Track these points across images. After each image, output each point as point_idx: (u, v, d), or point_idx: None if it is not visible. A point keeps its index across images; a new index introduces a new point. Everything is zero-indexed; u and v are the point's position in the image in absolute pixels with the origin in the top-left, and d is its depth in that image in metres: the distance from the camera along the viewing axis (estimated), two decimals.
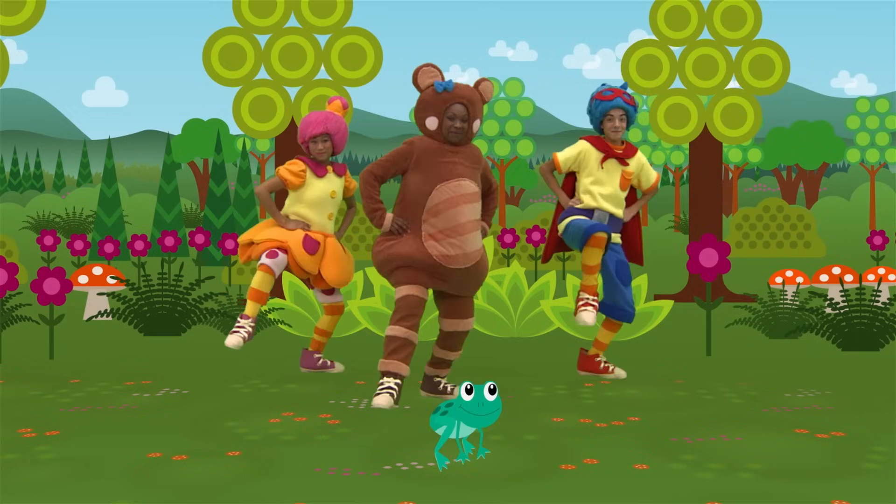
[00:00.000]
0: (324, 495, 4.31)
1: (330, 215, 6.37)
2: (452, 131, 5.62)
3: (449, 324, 5.88)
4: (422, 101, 5.70)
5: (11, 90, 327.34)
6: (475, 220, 5.70)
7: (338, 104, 6.48)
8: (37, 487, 4.47)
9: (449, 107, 5.60)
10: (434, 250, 5.60)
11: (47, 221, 26.83)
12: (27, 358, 7.69)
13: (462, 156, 5.69)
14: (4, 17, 9.81)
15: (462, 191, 5.63)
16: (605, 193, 6.26)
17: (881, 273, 10.01)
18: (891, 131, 26.84)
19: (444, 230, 5.59)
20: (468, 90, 5.68)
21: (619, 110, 6.19)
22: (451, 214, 5.59)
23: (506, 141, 24.86)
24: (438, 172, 5.62)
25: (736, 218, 19.18)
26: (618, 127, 6.21)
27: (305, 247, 6.15)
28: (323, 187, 6.29)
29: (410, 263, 5.62)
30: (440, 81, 5.63)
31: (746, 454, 4.88)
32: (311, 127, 6.26)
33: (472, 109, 5.64)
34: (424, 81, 5.69)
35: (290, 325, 8.12)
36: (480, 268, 5.81)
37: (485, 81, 5.78)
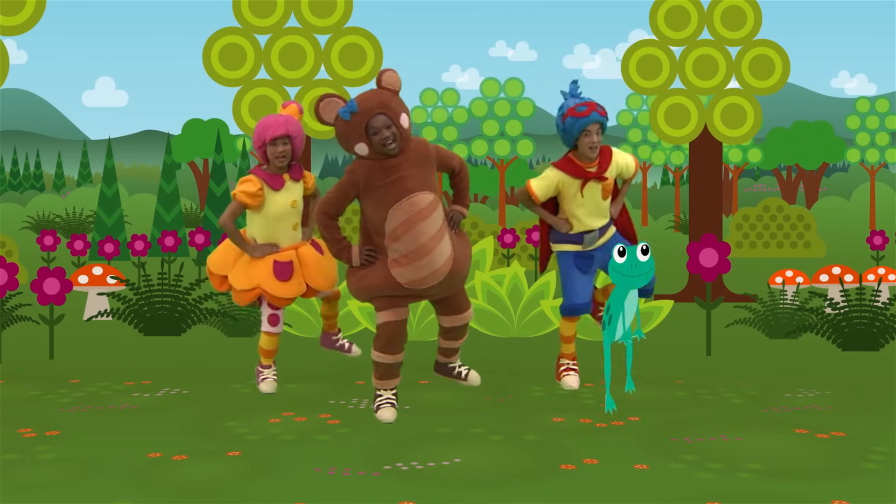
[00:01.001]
0: (324, 495, 4.32)
1: (295, 225, 6.02)
2: (385, 143, 5.23)
3: (448, 320, 5.81)
4: (339, 135, 5.36)
5: (11, 90, 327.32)
6: (437, 232, 5.34)
7: (294, 108, 6.13)
8: (37, 487, 4.47)
9: (367, 125, 5.22)
10: (402, 278, 5.36)
11: (47, 221, 26.82)
12: (27, 358, 7.70)
13: (408, 164, 5.31)
14: (4, 17, 9.81)
15: (416, 208, 5.28)
16: (589, 211, 6.07)
17: (881, 273, 10.01)
18: (891, 131, 26.82)
19: (408, 254, 5.31)
20: (375, 96, 5.29)
21: (596, 125, 5.91)
22: (410, 237, 5.28)
23: (506, 141, 24.84)
24: (387, 195, 5.28)
25: (736, 218, 19.18)
26: (595, 142, 5.92)
27: (278, 276, 5.89)
28: (282, 201, 5.92)
29: (383, 293, 5.46)
30: (342, 108, 5.27)
31: (746, 454, 4.88)
32: (272, 129, 5.82)
33: (390, 111, 5.24)
34: (329, 116, 5.32)
35: (290, 325, 8.12)
36: (456, 270, 5.50)
37: (386, 73, 5.36)
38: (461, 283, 5.68)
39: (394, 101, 5.31)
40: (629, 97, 29.48)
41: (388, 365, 5.59)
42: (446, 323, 5.80)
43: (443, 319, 5.81)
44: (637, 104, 29.44)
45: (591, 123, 5.88)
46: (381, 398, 5.69)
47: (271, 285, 5.87)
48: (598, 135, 5.94)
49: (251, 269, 5.92)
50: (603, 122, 5.95)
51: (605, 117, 5.96)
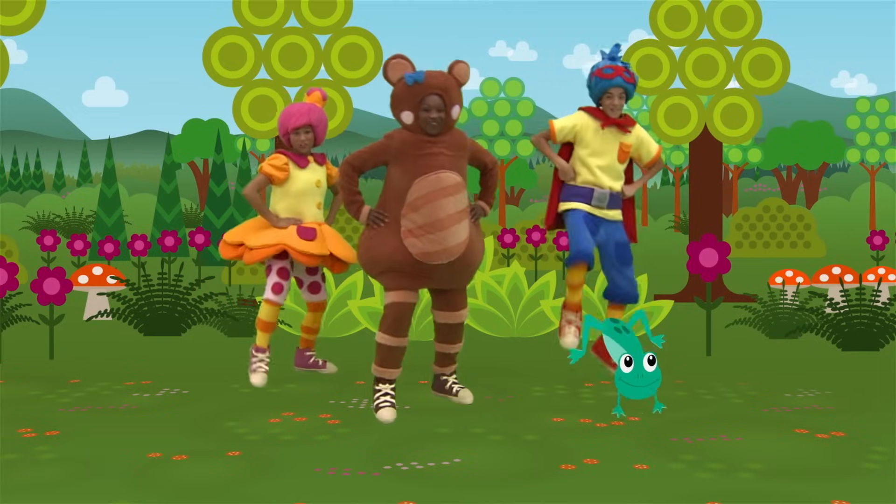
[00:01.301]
0: (324, 495, 4.32)
1: (318, 204, 6.33)
2: (430, 123, 5.40)
3: (440, 315, 5.80)
4: (394, 96, 5.49)
5: (11, 90, 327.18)
6: (457, 213, 5.45)
7: (317, 95, 6.42)
8: (37, 487, 4.47)
9: (423, 99, 5.38)
10: (414, 248, 5.42)
11: (47, 221, 26.82)
12: (27, 358, 7.69)
13: (443, 145, 5.46)
14: (4, 17, 9.81)
15: (441, 184, 5.40)
16: (602, 165, 6.12)
17: (881, 273, 10.01)
18: (891, 131, 26.82)
19: (423, 226, 5.40)
20: (441, 77, 5.45)
21: (619, 89, 6.07)
22: (429, 210, 5.38)
23: (506, 141, 24.85)
24: (416, 166, 5.41)
25: (736, 218, 19.18)
26: (616, 105, 6.09)
27: (301, 236, 6.11)
28: (307, 178, 6.24)
29: (393, 267, 5.50)
30: (410, 73, 5.41)
31: (746, 454, 4.88)
32: (294, 118, 6.17)
33: (448, 97, 5.42)
34: (395, 75, 5.46)
35: (289, 325, 8.12)
36: (468, 259, 5.58)
37: (459, 64, 5.56)
38: (468, 275, 5.72)
39: (455, 90, 5.49)
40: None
41: (390, 348, 5.58)
42: (439, 318, 5.81)
43: (437, 314, 5.82)
44: (637, 104, 29.44)
45: (613, 87, 6.06)
46: (379, 393, 5.65)
47: (296, 242, 6.08)
48: (621, 98, 6.11)
49: (275, 231, 6.16)
50: (626, 87, 6.09)
51: (630, 84, 6.11)
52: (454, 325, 5.82)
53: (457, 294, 5.77)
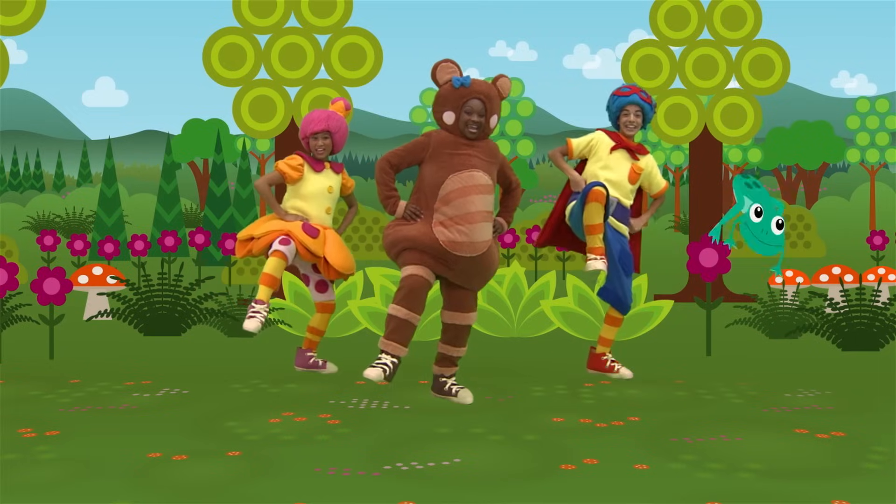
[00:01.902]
0: (324, 495, 4.32)
1: (328, 209, 6.47)
2: (469, 126, 5.65)
3: (448, 315, 5.83)
4: (440, 95, 5.73)
5: (11, 90, 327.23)
6: (486, 211, 5.68)
7: (340, 105, 6.60)
8: (37, 487, 4.47)
9: (466, 102, 5.64)
10: (442, 236, 5.60)
11: (47, 221, 26.82)
12: (27, 358, 7.69)
13: (477, 149, 5.71)
14: (4, 17, 9.81)
15: (474, 181, 5.64)
16: (612, 179, 6.31)
17: (881, 273, 10.01)
18: (891, 131, 26.81)
19: (454, 217, 5.60)
20: (486, 86, 5.71)
21: (635, 106, 6.35)
22: (461, 203, 5.60)
23: (506, 141, 24.83)
24: (452, 163, 5.65)
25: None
26: (632, 121, 6.35)
27: (306, 232, 6.25)
28: (320, 182, 6.40)
29: (417, 246, 5.63)
30: (458, 77, 5.67)
31: (746, 454, 4.88)
32: (314, 124, 6.37)
33: (490, 105, 5.68)
34: (443, 77, 5.72)
35: (290, 325, 8.12)
36: (487, 260, 5.76)
37: (503, 77, 5.81)
38: (483, 280, 5.84)
39: (497, 100, 5.75)
40: None
41: (400, 320, 5.58)
42: (447, 318, 5.83)
43: (444, 314, 5.84)
44: None
45: (629, 104, 6.36)
46: (378, 361, 5.60)
47: (300, 234, 6.23)
48: (637, 116, 6.38)
49: (283, 223, 6.31)
50: (643, 105, 6.37)
51: (648, 103, 6.39)
52: (462, 326, 5.84)
53: (468, 295, 5.84)
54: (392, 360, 5.63)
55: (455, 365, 5.98)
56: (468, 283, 5.81)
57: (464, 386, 6.02)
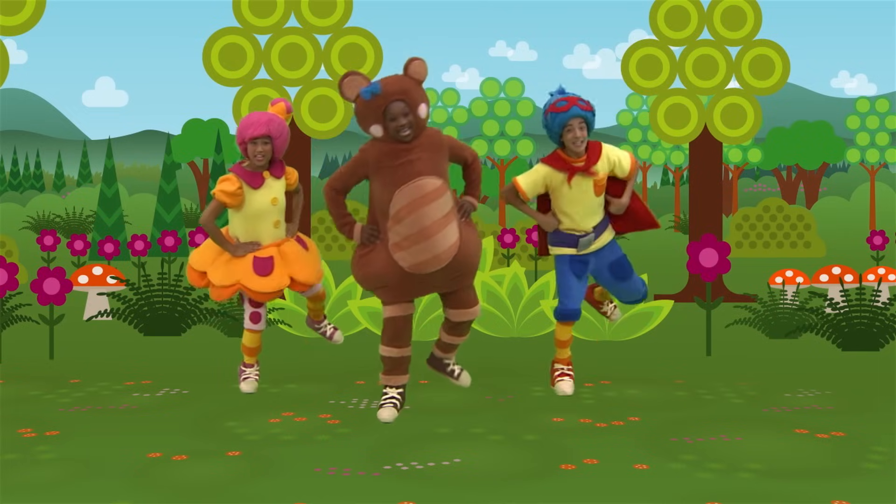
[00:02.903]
0: (324, 495, 4.32)
1: (276, 223, 5.97)
2: (399, 130, 5.28)
3: (455, 314, 5.68)
4: (357, 112, 5.40)
5: (11, 90, 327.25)
6: (443, 217, 5.33)
7: (281, 106, 6.12)
8: (37, 487, 4.47)
9: (386, 108, 5.27)
10: (404, 261, 5.34)
11: (47, 221, 26.82)
12: (27, 358, 7.69)
13: (419, 150, 5.34)
14: (4, 17, 9.81)
15: (422, 191, 5.29)
16: (582, 211, 5.94)
17: (881, 273, 10.01)
18: (891, 131, 26.80)
19: (409, 237, 5.30)
20: (398, 82, 5.33)
21: (578, 119, 5.78)
22: (413, 219, 5.28)
23: (506, 141, 24.83)
24: (395, 177, 5.31)
25: (736, 218, 19.18)
26: (578, 136, 5.80)
27: (257, 272, 5.86)
28: (261, 199, 5.89)
29: (387, 282, 5.43)
30: (366, 88, 5.31)
31: (746, 454, 4.88)
32: (252, 128, 5.82)
33: (410, 99, 5.30)
34: (351, 93, 5.37)
35: (290, 325, 8.13)
36: (462, 259, 5.46)
37: (414, 61, 5.40)
38: (468, 275, 5.60)
39: (416, 90, 5.37)
40: (629, 97, 29.48)
41: (394, 359, 5.57)
42: (454, 317, 5.70)
43: (450, 313, 5.71)
44: (637, 104, 29.44)
45: (571, 118, 5.77)
46: (385, 396, 5.65)
47: (251, 281, 5.83)
48: (582, 129, 5.82)
49: (231, 266, 5.89)
50: (585, 115, 5.81)
51: (588, 112, 5.83)
52: (468, 322, 5.76)
53: (466, 292, 5.66)
54: (398, 391, 5.67)
55: (456, 348, 5.95)
56: (454, 287, 5.61)
57: (463, 368, 6.01)
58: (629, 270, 6.21)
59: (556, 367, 6.26)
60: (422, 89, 5.42)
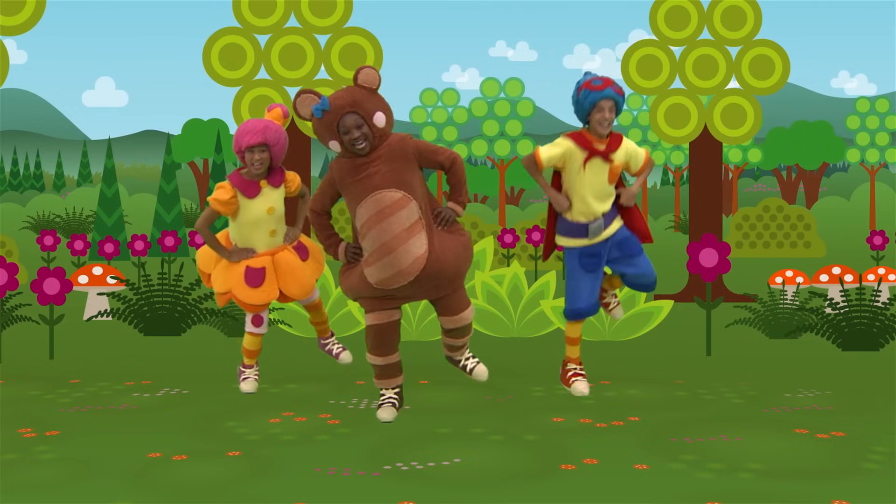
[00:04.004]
0: (324, 495, 4.32)
1: (272, 231, 5.91)
2: (355, 143, 5.19)
3: (445, 321, 5.55)
4: (315, 129, 5.35)
5: (11, 90, 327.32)
6: (404, 231, 5.19)
7: (278, 112, 6.05)
8: (37, 487, 4.47)
9: (338, 123, 5.19)
10: (371, 277, 5.28)
11: (47, 221, 26.83)
12: (27, 358, 7.70)
13: (378, 162, 5.24)
14: (4, 17, 9.81)
15: (379, 206, 5.19)
16: (594, 193, 5.88)
17: (881, 273, 10.01)
18: (891, 131, 26.81)
19: (374, 252, 5.24)
20: (347, 95, 5.24)
21: (610, 101, 5.75)
22: (375, 234, 5.21)
23: (506, 141, 24.84)
24: (355, 192, 5.27)
25: (736, 218, 19.18)
26: (607, 118, 5.79)
27: (248, 283, 5.83)
28: (256, 207, 5.83)
29: (362, 294, 5.39)
30: (316, 105, 5.25)
31: (746, 454, 4.88)
32: (249, 136, 5.72)
33: (363, 110, 5.19)
34: (305, 111, 5.32)
35: (290, 325, 8.13)
36: (434, 270, 5.26)
37: (363, 70, 5.30)
38: (448, 284, 5.39)
39: (369, 99, 5.24)
40: (629, 97, 29.46)
41: (381, 366, 5.53)
42: (445, 324, 5.62)
43: (441, 320, 5.63)
44: (637, 104, 29.42)
45: (603, 99, 5.77)
46: (383, 397, 5.64)
47: (241, 291, 5.82)
48: (611, 112, 5.81)
49: (227, 272, 5.88)
50: (617, 99, 5.82)
51: (620, 96, 5.85)
52: (459, 328, 5.59)
53: (452, 297, 5.46)
54: (394, 391, 5.63)
55: (465, 347, 5.76)
56: (432, 296, 5.43)
57: (478, 360, 5.80)
58: (639, 247, 6.11)
59: (569, 367, 6.15)
60: (378, 97, 5.30)
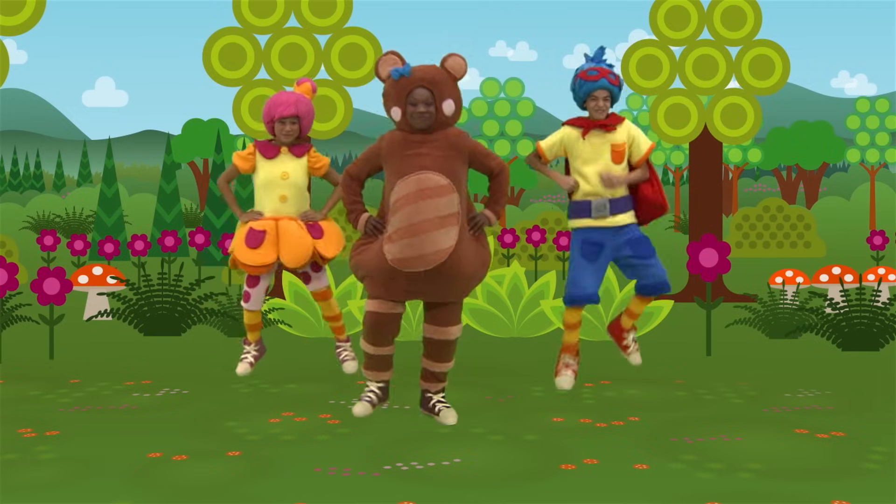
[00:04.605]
0: (324, 495, 4.32)
1: (282, 197, 6.09)
2: (416, 117, 5.10)
3: (427, 329, 5.35)
4: (384, 92, 5.24)
5: (11, 90, 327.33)
6: (439, 217, 5.05)
7: (307, 86, 6.27)
8: (37, 487, 4.47)
9: (410, 92, 5.10)
10: (389, 253, 5.09)
11: (47, 221, 26.83)
12: (27, 358, 7.69)
13: (433, 145, 5.14)
14: (4, 17, 9.80)
15: (423, 185, 5.06)
16: (597, 171, 5.89)
17: (881, 273, 10.01)
18: (891, 131, 26.82)
19: (400, 229, 5.06)
20: (430, 71, 5.15)
21: (604, 91, 5.81)
22: (408, 212, 5.04)
23: (506, 141, 24.83)
24: (401, 167, 5.13)
25: (736, 218, 19.18)
26: (601, 107, 5.85)
27: (247, 243, 6.05)
28: (270, 169, 6.07)
29: (372, 273, 5.22)
30: (397, 68, 5.14)
31: (746, 454, 4.88)
32: (281, 108, 6.00)
33: (438, 90, 5.11)
34: (384, 71, 5.20)
35: (290, 325, 8.13)
36: (451, 269, 5.13)
37: (452, 57, 5.22)
38: (457, 289, 5.26)
39: (447, 83, 5.18)
40: (629, 97, 29.46)
41: (371, 355, 5.40)
42: (426, 332, 5.37)
43: (426, 329, 5.37)
44: (637, 104, 29.43)
45: (597, 89, 5.83)
46: (365, 390, 5.51)
47: (241, 251, 6.09)
48: (606, 101, 5.87)
49: (237, 235, 6.20)
50: (612, 89, 5.86)
51: (615, 86, 5.88)
52: (440, 341, 5.32)
53: (446, 309, 5.29)
54: (378, 386, 5.49)
55: (440, 380, 5.48)
56: (437, 298, 5.26)
57: (449, 405, 5.50)
58: (652, 250, 6.10)
59: (562, 357, 6.16)
60: (455, 86, 5.23)
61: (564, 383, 6.08)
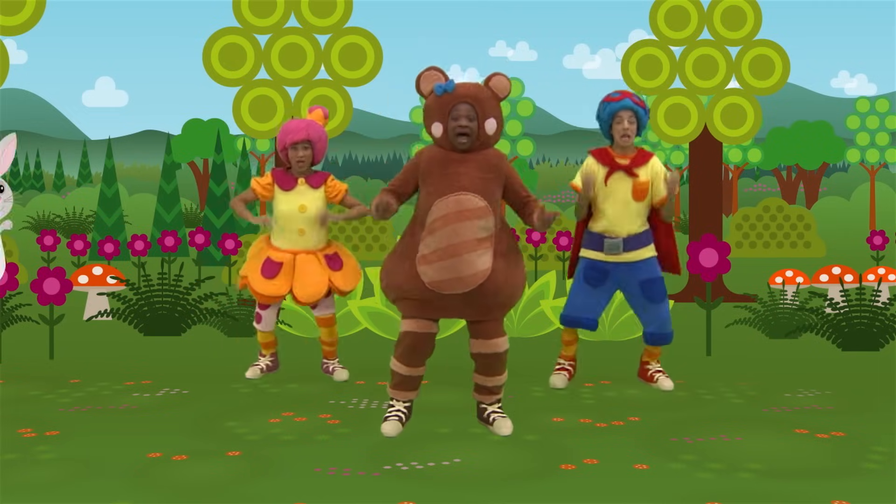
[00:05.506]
0: (324, 495, 4.32)
1: (300, 231, 6.11)
2: (457, 133, 5.06)
3: (473, 344, 5.30)
4: (426, 107, 5.20)
5: (11, 90, 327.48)
6: (476, 240, 5.01)
7: (319, 113, 6.28)
8: (37, 487, 4.47)
9: (452, 108, 5.07)
10: (426, 276, 5.04)
11: (47, 221, 26.82)
12: (27, 358, 7.70)
13: (472, 164, 5.11)
14: (4, 17, 9.81)
15: (461, 206, 5.02)
16: (616, 208, 5.91)
17: (881, 273, 10.01)
18: (891, 131, 26.81)
19: (437, 251, 5.00)
20: (474, 88, 5.12)
21: (628, 111, 5.86)
22: (445, 233, 4.99)
23: (506, 141, 24.83)
24: (439, 186, 5.08)
25: (736, 218, 19.18)
26: (627, 129, 5.85)
27: (263, 273, 6.14)
28: (288, 201, 6.08)
29: (406, 295, 5.16)
30: (440, 84, 5.12)
31: (746, 454, 4.88)
32: (293, 134, 6.03)
33: (480, 108, 5.07)
34: (427, 87, 5.18)
35: (290, 325, 8.12)
36: (489, 291, 5.09)
37: (497, 76, 5.20)
38: (495, 309, 5.21)
39: (490, 102, 5.14)
40: None
41: (402, 376, 5.31)
42: (471, 348, 5.33)
43: (473, 344, 5.32)
44: None
45: (622, 109, 5.86)
46: (391, 409, 5.42)
47: (255, 279, 6.16)
48: (631, 123, 5.87)
49: (253, 260, 6.23)
50: (636, 109, 5.88)
51: (641, 107, 5.91)
52: (490, 355, 5.25)
53: (490, 323, 5.24)
54: (404, 405, 5.42)
55: (495, 393, 5.40)
56: (476, 317, 5.21)
57: (505, 415, 5.44)
58: (661, 294, 6.11)
59: (559, 361, 6.53)
60: (498, 106, 5.18)
61: (558, 381, 6.31)
